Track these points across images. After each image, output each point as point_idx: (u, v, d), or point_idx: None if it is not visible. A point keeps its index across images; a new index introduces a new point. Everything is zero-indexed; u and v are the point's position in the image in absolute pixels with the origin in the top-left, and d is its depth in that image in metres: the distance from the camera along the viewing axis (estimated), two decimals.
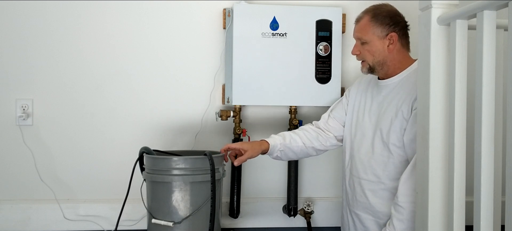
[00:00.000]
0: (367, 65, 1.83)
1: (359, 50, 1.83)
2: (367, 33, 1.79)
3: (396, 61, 1.80)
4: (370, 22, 1.79)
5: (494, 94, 1.27)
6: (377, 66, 1.81)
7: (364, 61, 1.84)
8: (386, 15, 1.79)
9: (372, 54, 1.80)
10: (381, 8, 1.82)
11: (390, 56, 1.79)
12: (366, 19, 1.80)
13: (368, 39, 1.79)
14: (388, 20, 1.79)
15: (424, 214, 1.48)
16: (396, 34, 1.78)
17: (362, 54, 1.82)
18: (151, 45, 2.23)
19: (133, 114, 2.22)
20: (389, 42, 1.78)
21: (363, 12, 1.84)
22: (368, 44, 1.79)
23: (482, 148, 1.26)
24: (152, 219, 1.78)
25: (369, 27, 1.79)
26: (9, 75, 2.17)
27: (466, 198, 1.40)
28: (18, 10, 2.16)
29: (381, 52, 1.79)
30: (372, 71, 1.84)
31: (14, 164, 2.18)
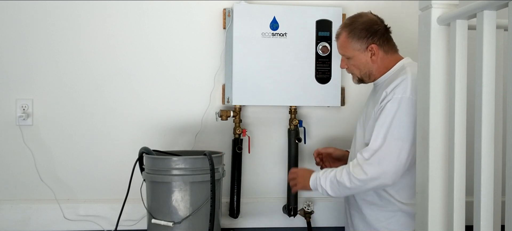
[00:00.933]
0: (356, 78, 1.86)
1: (346, 64, 1.85)
2: (347, 50, 1.80)
3: (382, 68, 1.80)
4: (348, 39, 1.79)
5: (494, 94, 1.27)
6: (365, 77, 1.83)
7: (352, 74, 1.87)
8: (363, 28, 1.77)
9: (357, 68, 1.81)
10: (356, 22, 1.80)
11: (375, 66, 1.80)
12: (344, 35, 1.80)
13: (350, 54, 1.80)
14: (365, 33, 1.77)
15: (424, 214, 1.47)
16: (375, 45, 1.77)
17: (350, 69, 1.85)
18: (151, 45, 2.23)
19: (133, 114, 2.22)
20: (371, 54, 1.78)
21: (340, 27, 1.84)
22: (352, 59, 1.81)
23: (482, 148, 1.26)
24: (152, 219, 1.78)
25: (348, 43, 1.79)
26: (9, 75, 2.17)
27: (466, 198, 1.40)
28: (18, 10, 2.16)
29: (365, 64, 1.80)
30: (362, 81, 1.86)
31: (14, 164, 2.18)
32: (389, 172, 1.63)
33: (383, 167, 1.63)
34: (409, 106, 1.64)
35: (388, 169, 1.63)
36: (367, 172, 1.63)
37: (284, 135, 2.27)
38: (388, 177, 1.63)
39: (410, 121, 1.63)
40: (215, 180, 1.74)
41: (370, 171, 1.63)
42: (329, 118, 2.30)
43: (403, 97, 1.64)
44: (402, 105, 1.64)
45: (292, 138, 2.21)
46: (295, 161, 2.23)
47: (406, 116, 1.63)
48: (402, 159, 1.63)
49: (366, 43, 1.77)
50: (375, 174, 1.63)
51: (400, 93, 1.65)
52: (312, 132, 2.30)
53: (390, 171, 1.63)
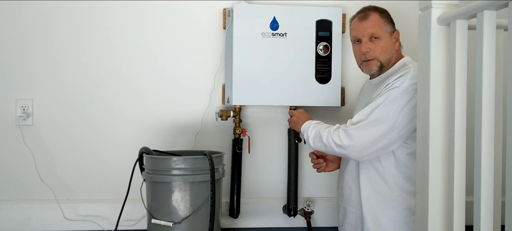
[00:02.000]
0: (377, 63, 1.79)
1: (370, 47, 1.78)
2: (381, 29, 1.78)
3: (396, 59, 1.82)
4: (381, 18, 1.79)
5: (494, 94, 1.27)
6: (386, 63, 1.79)
7: (373, 60, 1.79)
8: (388, 15, 1.82)
9: (384, 50, 1.78)
10: (380, 8, 1.83)
11: (395, 53, 1.81)
12: (377, 15, 1.79)
13: (381, 34, 1.77)
14: (391, 18, 1.82)
15: (424, 214, 1.47)
16: (398, 32, 1.81)
17: (374, 51, 1.78)
18: (151, 45, 2.23)
19: (133, 114, 2.22)
20: (395, 40, 1.81)
21: (366, 9, 1.83)
22: (381, 40, 1.77)
23: (482, 148, 1.26)
24: (152, 219, 1.78)
25: (381, 23, 1.78)
26: (9, 75, 2.17)
27: (466, 198, 1.40)
28: (18, 10, 2.16)
29: (391, 48, 1.80)
30: (380, 69, 1.81)
31: (14, 164, 2.18)
32: (357, 146, 1.66)
33: (355, 140, 1.66)
34: (401, 95, 1.66)
35: (358, 144, 1.66)
36: (342, 139, 1.68)
37: (284, 135, 2.27)
38: (354, 151, 1.67)
39: (396, 109, 1.65)
40: (215, 180, 1.74)
41: (343, 140, 1.67)
42: (329, 118, 2.30)
43: (398, 87, 1.67)
44: (394, 93, 1.66)
45: (292, 138, 2.21)
46: (295, 161, 2.22)
47: (395, 103, 1.65)
48: (374, 139, 1.66)
49: (393, 28, 1.81)
50: (346, 144, 1.67)
51: (397, 84, 1.69)
52: None
53: (358, 146, 1.66)
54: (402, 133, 1.68)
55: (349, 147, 1.67)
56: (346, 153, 1.69)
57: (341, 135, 1.69)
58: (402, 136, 1.68)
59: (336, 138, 1.69)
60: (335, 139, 1.69)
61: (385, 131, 1.65)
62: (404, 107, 1.65)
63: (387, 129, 1.65)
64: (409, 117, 1.66)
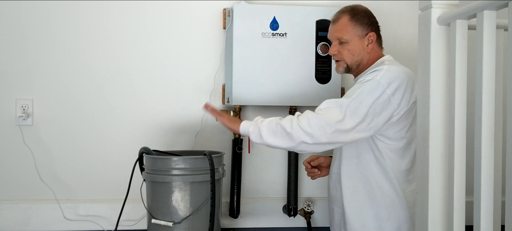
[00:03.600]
0: (344, 65, 1.82)
1: (337, 50, 1.81)
2: (347, 33, 1.78)
3: (370, 61, 1.82)
4: (350, 22, 1.79)
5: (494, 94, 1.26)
6: (354, 66, 1.81)
7: (340, 61, 1.83)
8: (364, 15, 1.80)
9: (352, 53, 1.79)
10: (358, 8, 1.82)
11: (367, 55, 1.81)
12: (346, 18, 1.79)
13: (348, 38, 1.78)
14: (367, 19, 1.80)
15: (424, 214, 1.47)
16: (374, 33, 1.80)
17: (341, 54, 1.81)
18: (151, 45, 2.23)
19: (133, 114, 2.22)
20: (368, 42, 1.79)
21: (340, 12, 1.83)
22: (348, 44, 1.79)
23: (482, 148, 1.26)
24: (152, 219, 1.78)
25: (349, 26, 1.78)
26: (9, 75, 2.17)
27: (466, 198, 1.40)
28: (18, 10, 2.16)
29: (360, 51, 1.79)
30: (348, 71, 1.84)
31: (14, 164, 2.18)
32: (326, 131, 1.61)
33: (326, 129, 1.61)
34: (373, 88, 1.65)
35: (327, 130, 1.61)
36: (312, 124, 1.61)
37: None
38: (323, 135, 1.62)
39: (369, 100, 1.64)
40: (215, 180, 1.74)
41: (313, 124, 1.61)
42: None
43: (372, 80, 1.67)
44: (367, 85, 1.66)
45: None
46: (295, 161, 2.23)
47: (368, 95, 1.65)
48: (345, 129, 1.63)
49: (367, 30, 1.79)
50: (316, 130, 1.61)
51: (371, 77, 1.69)
52: None
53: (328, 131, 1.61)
54: (371, 125, 1.66)
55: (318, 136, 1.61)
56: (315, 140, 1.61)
57: (312, 121, 1.61)
58: (371, 127, 1.67)
59: (305, 124, 1.61)
60: (303, 125, 1.61)
61: (357, 122, 1.63)
62: (376, 100, 1.64)
63: (358, 121, 1.63)
64: (379, 109, 1.65)
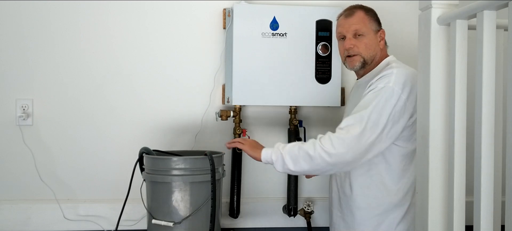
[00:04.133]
0: (360, 59, 1.79)
1: (354, 43, 1.79)
2: (365, 25, 1.79)
3: (380, 58, 1.82)
4: (366, 16, 1.80)
5: (494, 94, 1.27)
6: (369, 60, 1.80)
7: (356, 56, 1.79)
8: (374, 13, 1.84)
9: (368, 47, 1.79)
10: (367, 7, 1.85)
11: (380, 52, 1.82)
12: (362, 12, 1.81)
13: (365, 31, 1.79)
14: (377, 17, 1.84)
15: (424, 214, 1.47)
16: (384, 31, 1.83)
17: (357, 47, 1.78)
18: (151, 45, 2.23)
19: (133, 114, 2.22)
20: (380, 38, 1.82)
21: (352, 7, 1.84)
22: (365, 37, 1.78)
23: (482, 148, 1.26)
24: (152, 219, 1.78)
25: (366, 20, 1.80)
26: (9, 75, 2.17)
27: (466, 198, 1.40)
28: (18, 10, 2.16)
29: (375, 46, 1.80)
30: (364, 66, 1.81)
31: (14, 164, 2.18)
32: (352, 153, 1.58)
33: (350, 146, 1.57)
34: (390, 95, 1.63)
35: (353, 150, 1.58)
36: (335, 145, 1.57)
37: (284, 135, 2.27)
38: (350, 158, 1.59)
39: (387, 109, 1.62)
40: (215, 180, 1.75)
41: (337, 146, 1.57)
42: (329, 117, 2.30)
43: (385, 87, 1.64)
44: (383, 94, 1.63)
45: (292, 138, 2.21)
46: None
47: (386, 105, 1.62)
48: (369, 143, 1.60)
49: (378, 26, 1.82)
50: (340, 151, 1.57)
51: (383, 83, 1.66)
52: (312, 132, 2.29)
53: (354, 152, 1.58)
54: (391, 134, 1.65)
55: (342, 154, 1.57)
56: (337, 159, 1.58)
57: (334, 141, 1.58)
58: (391, 136, 1.65)
59: (328, 145, 1.57)
60: (326, 147, 1.57)
61: (378, 133, 1.61)
62: (393, 109, 1.62)
63: (379, 131, 1.61)
64: (398, 116, 1.64)
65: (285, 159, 1.62)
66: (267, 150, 1.68)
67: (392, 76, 1.66)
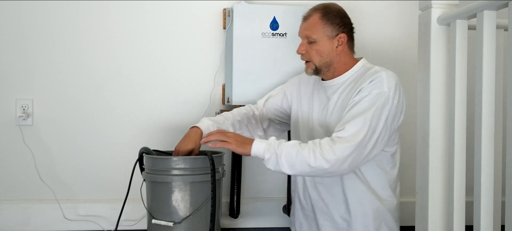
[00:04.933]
0: (312, 66, 1.73)
1: (305, 49, 1.73)
2: (316, 32, 1.70)
3: (342, 63, 1.73)
4: (320, 21, 1.70)
5: (494, 94, 1.27)
6: (323, 67, 1.72)
7: (309, 62, 1.74)
8: (337, 15, 1.71)
9: (320, 54, 1.71)
10: (331, 7, 1.73)
11: (337, 57, 1.71)
12: (316, 17, 1.71)
13: (317, 38, 1.70)
14: (339, 20, 1.71)
15: (424, 214, 1.48)
16: (345, 35, 1.71)
17: (309, 54, 1.73)
18: (151, 45, 2.23)
19: (133, 114, 2.22)
20: (338, 43, 1.70)
21: (312, 9, 1.74)
22: (316, 44, 1.70)
23: (482, 148, 1.26)
24: (152, 219, 1.78)
25: (319, 25, 1.70)
26: (9, 75, 2.17)
27: (466, 198, 1.40)
28: (18, 10, 2.16)
29: (329, 53, 1.70)
30: (317, 72, 1.74)
31: (14, 164, 2.18)
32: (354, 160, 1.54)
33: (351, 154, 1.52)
34: (385, 100, 1.58)
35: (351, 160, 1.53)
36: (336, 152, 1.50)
37: (284, 134, 2.27)
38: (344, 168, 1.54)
39: (384, 114, 1.57)
40: (215, 179, 1.74)
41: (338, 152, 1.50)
42: None
43: (381, 92, 1.58)
44: (379, 99, 1.57)
45: None
46: None
47: (383, 110, 1.57)
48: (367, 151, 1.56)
49: (337, 30, 1.70)
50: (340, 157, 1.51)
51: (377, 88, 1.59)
52: None
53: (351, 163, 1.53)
54: (386, 138, 1.61)
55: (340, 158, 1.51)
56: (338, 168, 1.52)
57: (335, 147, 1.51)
58: (385, 140, 1.61)
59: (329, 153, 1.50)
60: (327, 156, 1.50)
61: (376, 138, 1.57)
62: (388, 114, 1.58)
63: (377, 136, 1.57)
64: (391, 120, 1.60)
65: (280, 161, 1.55)
66: (258, 144, 1.57)
67: (384, 82, 1.59)
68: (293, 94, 1.93)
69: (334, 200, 1.74)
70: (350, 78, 1.73)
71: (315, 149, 1.52)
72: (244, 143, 1.60)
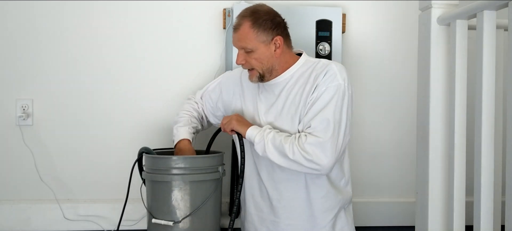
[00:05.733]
0: (257, 74, 1.67)
1: (244, 59, 1.66)
2: (251, 41, 1.62)
3: (283, 63, 1.68)
4: (252, 29, 1.62)
5: (494, 94, 1.27)
6: (266, 73, 1.67)
7: (252, 70, 1.67)
8: (267, 19, 1.64)
9: (260, 62, 1.64)
10: (259, 12, 1.65)
11: (277, 60, 1.66)
12: (247, 26, 1.63)
13: (253, 47, 1.63)
14: (270, 24, 1.64)
15: (424, 214, 1.48)
16: (280, 37, 1.64)
17: (249, 63, 1.66)
18: (151, 46, 2.23)
19: (133, 114, 2.22)
20: (275, 47, 1.64)
21: (240, 17, 1.66)
22: (254, 53, 1.64)
23: (482, 148, 1.26)
24: (152, 219, 1.78)
25: (251, 34, 1.62)
26: (9, 75, 2.17)
27: (466, 198, 1.40)
28: (19, 11, 2.16)
29: (269, 58, 1.64)
30: (262, 79, 1.68)
31: (14, 164, 2.18)
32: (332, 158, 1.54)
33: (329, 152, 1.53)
34: (342, 92, 1.58)
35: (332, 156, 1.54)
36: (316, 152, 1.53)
37: None
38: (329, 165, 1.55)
39: (345, 106, 1.58)
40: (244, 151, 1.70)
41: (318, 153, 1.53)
42: None
43: (338, 85, 1.58)
44: (337, 91, 1.57)
45: None
46: None
47: (344, 104, 1.58)
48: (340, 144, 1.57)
49: (272, 35, 1.63)
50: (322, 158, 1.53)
51: (333, 81, 1.58)
52: None
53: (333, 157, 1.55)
54: (349, 130, 1.61)
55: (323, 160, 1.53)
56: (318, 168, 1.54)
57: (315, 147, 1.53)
58: (349, 133, 1.62)
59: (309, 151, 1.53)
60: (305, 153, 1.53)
61: (344, 130, 1.58)
62: (348, 105, 1.59)
63: (344, 127, 1.58)
64: (350, 110, 1.61)
65: (266, 147, 1.59)
66: (253, 129, 1.64)
67: (337, 74, 1.59)
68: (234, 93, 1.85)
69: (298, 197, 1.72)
70: (295, 74, 1.69)
71: (294, 144, 1.55)
72: (244, 124, 1.67)
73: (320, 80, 1.60)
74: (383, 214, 2.30)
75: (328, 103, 1.57)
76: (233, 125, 1.67)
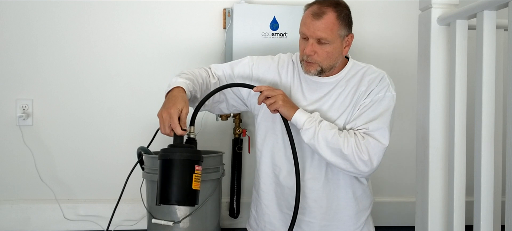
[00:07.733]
0: (318, 68, 1.55)
1: (314, 50, 1.52)
2: (332, 33, 1.50)
3: (340, 62, 1.60)
4: (337, 21, 1.51)
5: (494, 94, 1.27)
6: (328, 69, 1.56)
7: (314, 64, 1.54)
8: (348, 13, 1.56)
9: (329, 56, 1.53)
10: (340, 4, 1.55)
11: (341, 58, 1.58)
12: (333, 16, 1.51)
13: (331, 40, 1.51)
14: (348, 20, 1.56)
15: (424, 214, 1.47)
16: (353, 35, 1.58)
17: (318, 55, 1.53)
18: (151, 45, 2.23)
19: (133, 114, 2.22)
20: (345, 44, 1.56)
21: (324, 6, 1.52)
22: (328, 45, 1.52)
23: (482, 148, 1.26)
24: (152, 219, 1.78)
25: (335, 26, 1.51)
26: (9, 75, 2.17)
27: (466, 198, 1.40)
28: (19, 11, 2.16)
29: (338, 54, 1.55)
30: (319, 73, 1.56)
31: (14, 164, 2.18)
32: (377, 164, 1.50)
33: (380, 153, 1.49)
34: (393, 103, 1.54)
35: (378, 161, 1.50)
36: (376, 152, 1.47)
37: None
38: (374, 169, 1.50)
39: (393, 118, 1.55)
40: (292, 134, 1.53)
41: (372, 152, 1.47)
42: None
43: (392, 96, 1.54)
44: (390, 102, 1.54)
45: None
46: None
47: (392, 112, 1.54)
48: None
49: (348, 31, 1.55)
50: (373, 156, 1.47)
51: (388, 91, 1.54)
52: None
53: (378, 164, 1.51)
54: None
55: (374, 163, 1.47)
56: (365, 170, 1.48)
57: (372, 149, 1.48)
58: None
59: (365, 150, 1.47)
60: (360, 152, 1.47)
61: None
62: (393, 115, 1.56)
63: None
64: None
65: (316, 136, 1.49)
66: (302, 113, 1.51)
67: (390, 85, 1.55)
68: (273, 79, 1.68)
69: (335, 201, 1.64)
70: (345, 77, 1.62)
71: (350, 141, 1.48)
72: (290, 106, 1.53)
73: (374, 86, 1.55)
74: (383, 214, 2.30)
75: (385, 111, 1.52)
76: (278, 105, 1.51)
